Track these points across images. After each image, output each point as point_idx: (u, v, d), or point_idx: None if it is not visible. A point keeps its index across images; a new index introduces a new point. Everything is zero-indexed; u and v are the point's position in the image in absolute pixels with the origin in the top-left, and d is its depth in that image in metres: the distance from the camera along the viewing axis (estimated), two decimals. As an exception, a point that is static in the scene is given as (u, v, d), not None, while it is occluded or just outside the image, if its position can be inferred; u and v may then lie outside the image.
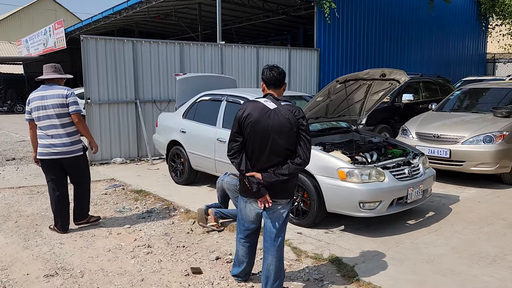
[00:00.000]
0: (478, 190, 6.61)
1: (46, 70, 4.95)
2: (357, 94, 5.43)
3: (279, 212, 3.33)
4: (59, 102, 4.75)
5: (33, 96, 4.86)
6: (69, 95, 4.79)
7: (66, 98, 4.77)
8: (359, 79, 4.97)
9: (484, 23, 18.07)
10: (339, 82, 4.78)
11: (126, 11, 15.29)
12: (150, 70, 9.24)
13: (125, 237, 4.90)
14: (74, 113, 4.80)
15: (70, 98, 4.78)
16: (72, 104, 4.78)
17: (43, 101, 4.77)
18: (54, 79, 4.92)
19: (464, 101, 8.55)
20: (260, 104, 3.27)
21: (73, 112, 4.79)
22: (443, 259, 4.14)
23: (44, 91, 4.82)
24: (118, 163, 8.91)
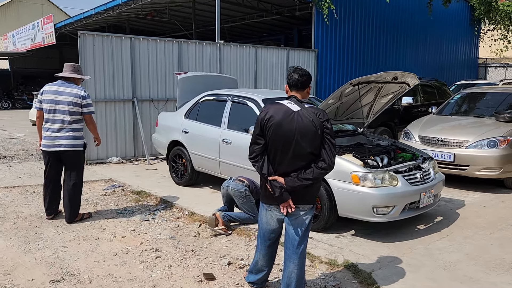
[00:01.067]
0: (482, 195, 6.60)
1: (66, 69, 5.19)
2: (367, 97, 5.36)
3: (301, 218, 3.23)
4: (74, 101, 5.02)
5: (48, 88, 5.10)
6: (86, 97, 5.10)
7: (83, 99, 5.06)
8: (372, 81, 4.90)
9: (476, 28, 18.26)
10: (352, 84, 4.70)
11: (120, 8, 15.01)
12: (148, 68, 9.06)
13: (130, 240, 4.75)
14: (88, 115, 5.13)
15: (86, 100, 5.09)
16: (87, 106, 5.10)
17: (57, 96, 5.02)
18: (71, 78, 5.17)
19: (465, 105, 8.57)
20: (283, 106, 3.16)
21: (86, 113, 5.12)
22: (459, 265, 4.08)
23: (61, 87, 5.07)
24: (115, 163, 8.71)
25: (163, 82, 9.30)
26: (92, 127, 5.28)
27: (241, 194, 5.11)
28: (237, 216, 5.09)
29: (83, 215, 5.37)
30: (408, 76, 5.14)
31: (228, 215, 5.04)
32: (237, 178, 5.31)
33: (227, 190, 5.22)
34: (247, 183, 5.26)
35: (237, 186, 5.15)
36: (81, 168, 5.34)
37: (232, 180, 5.28)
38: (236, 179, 5.30)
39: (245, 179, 5.32)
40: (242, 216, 5.13)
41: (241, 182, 5.23)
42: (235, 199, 5.16)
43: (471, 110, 8.30)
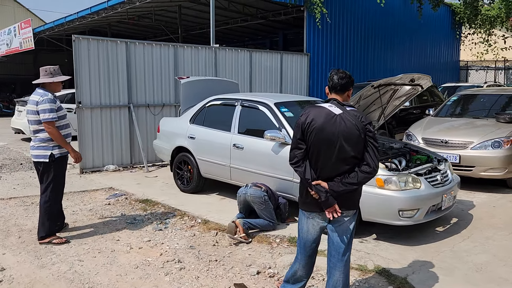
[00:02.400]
0: (488, 195, 6.67)
1: (40, 74, 4.79)
2: (382, 99, 5.33)
3: (346, 224, 3.13)
4: (31, 109, 4.66)
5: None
6: (40, 102, 4.60)
7: (37, 105, 4.61)
8: (392, 84, 4.87)
9: (458, 32, 18.70)
10: (373, 87, 4.66)
11: (106, 12, 14.68)
12: (143, 73, 8.84)
13: (148, 251, 4.56)
14: (44, 122, 4.60)
15: (39, 105, 4.60)
16: (41, 112, 4.58)
17: (27, 106, 4.78)
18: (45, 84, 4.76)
19: (462, 106, 8.69)
20: (325, 109, 3.07)
21: (43, 121, 4.60)
22: (490, 267, 4.07)
23: (31, 96, 4.76)
24: (111, 171, 8.43)
25: (159, 87, 9.09)
26: (53, 137, 4.61)
27: (260, 200, 4.99)
28: (256, 223, 4.97)
29: (53, 239, 4.73)
30: (423, 79, 5.15)
31: (248, 223, 4.91)
32: (254, 185, 5.19)
33: (245, 197, 5.09)
34: (265, 188, 5.15)
35: (255, 192, 5.03)
36: (50, 183, 4.73)
37: (249, 187, 5.15)
38: (253, 185, 5.17)
39: (261, 185, 5.21)
40: (262, 223, 5.01)
41: (259, 188, 5.12)
42: (254, 205, 5.03)
43: (470, 111, 8.42)
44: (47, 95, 4.64)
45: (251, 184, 5.22)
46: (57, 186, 4.83)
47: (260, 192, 5.04)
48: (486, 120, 7.66)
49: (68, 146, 4.73)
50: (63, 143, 4.68)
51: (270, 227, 5.05)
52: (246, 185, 5.24)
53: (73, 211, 5.96)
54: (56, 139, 4.63)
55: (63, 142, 4.69)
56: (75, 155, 4.82)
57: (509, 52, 16.88)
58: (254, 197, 5.01)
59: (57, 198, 4.88)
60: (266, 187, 5.20)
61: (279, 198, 5.34)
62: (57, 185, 4.83)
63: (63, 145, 4.69)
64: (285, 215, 5.32)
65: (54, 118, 4.61)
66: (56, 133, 4.63)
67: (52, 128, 4.60)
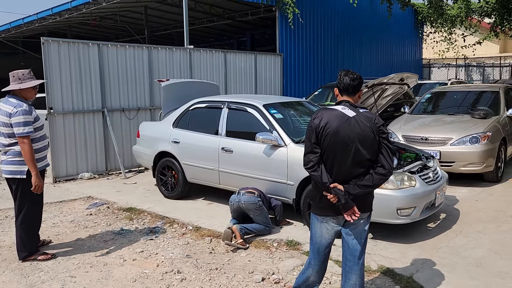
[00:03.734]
0: (469, 189, 6.86)
1: (10, 80, 4.31)
2: (372, 99, 5.36)
3: (361, 227, 3.10)
4: (3, 121, 4.18)
5: None
6: (13, 114, 4.14)
7: (10, 118, 4.15)
8: (384, 83, 4.90)
9: (420, 31, 19.29)
10: (368, 87, 4.66)
11: (70, 13, 14.08)
12: (117, 76, 8.52)
13: (143, 263, 4.36)
14: (18, 136, 4.15)
15: (13, 118, 4.14)
16: (15, 125, 4.13)
17: None
18: (15, 91, 4.30)
19: (436, 103, 8.92)
20: (338, 112, 3.01)
21: (17, 135, 4.16)
22: (488, 262, 4.16)
23: (1, 105, 4.26)
24: (86, 179, 8.07)
25: (133, 90, 8.80)
26: (23, 154, 4.14)
27: (255, 207, 4.89)
28: (253, 228, 4.87)
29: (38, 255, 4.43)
30: (411, 77, 5.21)
31: (245, 228, 4.80)
32: (246, 191, 5.07)
33: (239, 205, 4.96)
34: (258, 193, 5.05)
35: (249, 199, 4.92)
36: (25, 201, 4.33)
37: (242, 194, 5.02)
38: (246, 192, 5.05)
39: (253, 190, 5.11)
40: (258, 228, 4.91)
41: (252, 194, 5.01)
42: (249, 212, 4.92)
43: (444, 108, 8.65)
44: (21, 106, 4.18)
45: (243, 191, 5.09)
46: (36, 204, 4.43)
47: (254, 198, 4.94)
48: (462, 116, 7.89)
49: (34, 168, 4.18)
50: (30, 163, 4.15)
51: (266, 231, 4.96)
52: (238, 193, 5.09)
53: (54, 223, 5.64)
54: (25, 156, 4.14)
55: (31, 162, 4.17)
56: (37, 182, 4.20)
57: (468, 50, 17.58)
58: (248, 204, 4.90)
59: (35, 218, 4.48)
60: (258, 191, 5.10)
61: (272, 200, 5.26)
62: (36, 203, 4.43)
63: (30, 166, 4.16)
64: (280, 217, 5.24)
65: (29, 132, 4.18)
66: (28, 150, 4.14)
67: (26, 144, 4.14)
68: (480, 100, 8.58)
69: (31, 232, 4.48)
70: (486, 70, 19.84)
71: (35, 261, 4.39)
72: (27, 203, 4.36)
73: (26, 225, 4.40)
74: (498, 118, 7.62)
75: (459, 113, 8.12)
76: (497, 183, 7.16)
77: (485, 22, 18.26)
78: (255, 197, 4.96)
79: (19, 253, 4.44)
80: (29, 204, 4.37)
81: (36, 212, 4.50)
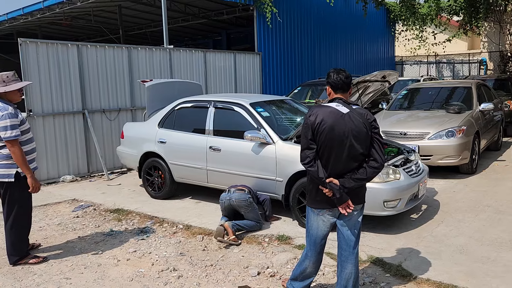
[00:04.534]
0: (446, 181, 7.15)
1: None
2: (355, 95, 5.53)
3: (355, 218, 3.24)
4: None
5: None
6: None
7: None
8: (367, 81, 5.07)
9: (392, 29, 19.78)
10: (353, 85, 4.81)
11: (41, 12, 13.76)
12: (97, 77, 8.44)
13: (138, 262, 4.39)
14: (5, 141, 4.11)
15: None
16: (1, 129, 4.08)
17: None
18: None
19: (412, 99, 9.22)
20: (332, 109, 3.14)
21: (4, 139, 4.12)
22: (471, 248, 4.38)
23: None
24: (68, 181, 7.97)
25: (114, 91, 8.73)
26: (13, 157, 4.12)
27: (246, 204, 4.98)
28: (245, 224, 4.96)
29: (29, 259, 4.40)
30: (392, 75, 5.39)
31: (237, 224, 4.88)
32: (236, 189, 5.15)
33: (230, 203, 5.04)
34: (247, 190, 5.14)
35: (240, 196, 5.00)
36: (15, 206, 4.28)
37: (232, 192, 5.09)
38: (236, 189, 5.13)
39: (243, 187, 5.20)
40: (249, 224, 5.00)
41: (242, 191, 5.09)
42: (240, 209, 5.01)
43: (420, 103, 8.95)
44: (6, 109, 4.13)
45: (233, 189, 5.16)
46: (25, 209, 4.39)
47: (245, 195, 5.03)
48: (437, 112, 8.20)
49: (28, 170, 4.19)
50: (23, 166, 4.16)
51: (257, 227, 5.06)
52: (229, 191, 5.16)
53: (40, 227, 5.58)
54: (17, 159, 4.12)
55: (24, 165, 4.16)
56: (34, 183, 4.23)
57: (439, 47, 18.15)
58: (239, 201, 4.98)
59: (25, 221, 4.43)
60: (247, 188, 5.20)
61: (260, 195, 5.34)
62: (25, 207, 4.38)
63: (23, 169, 4.16)
64: (269, 213, 5.35)
65: (17, 135, 4.13)
66: (19, 153, 4.12)
67: (16, 147, 4.10)
68: (453, 95, 8.92)
69: (21, 236, 4.43)
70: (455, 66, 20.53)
71: (26, 264, 4.36)
72: (16, 206, 4.31)
73: (16, 228, 4.36)
74: (471, 112, 7.95)
75: (434, 109, 8.43)
76: (472, 175, 7.48)
77: (454, 20, 18.91)
78: (246, 194, 5.05)
79: (9, 257, 4.39)
80: (18, 207, 4.32)
81: (25, 215, 4.46)
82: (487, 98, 9.05)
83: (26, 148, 4.33)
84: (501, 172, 7.67)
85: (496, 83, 12.43)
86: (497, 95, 10.33)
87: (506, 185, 6.78)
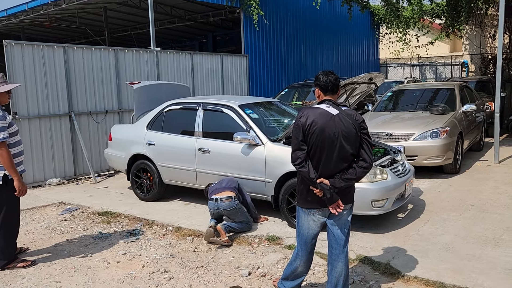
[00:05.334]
0: (431, 181, 7.29)
1: None
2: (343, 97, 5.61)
3: (345, 217, 3.30)
4: None
5: None
6: None
7: None
8: (354, 82, 5.15)
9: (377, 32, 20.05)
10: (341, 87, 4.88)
11: (25, 14, 13.58)
12: (84, 79, 8.38)
13: (128, 264, 4.38)
14: None
15: None
16: None
17: None
18: None
19: (397, 101, 9.38)
20: (322, 110, 3.20)
21: None
22: (456, 246, 4.49)
23: None
24: (55, 184, 7.89)
25: (101, 93, 8.68)
26: (2, 160, 4.08)
27: (234, 211, 4.98)
28: (236, 226, 4.99)
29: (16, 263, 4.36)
30: (379, 77, 5.49)
31: (229, 226, 4.91)
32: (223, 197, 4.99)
33: (219, 212, 5.02)
34: (234, 194, 5.07)
35: (228, 205, 4.96)
36: (0, 208, 4.24)
37: (219, 201, 4.98)
38: (222, 199, 4.98)
39: (229, 191, 5.08)
40: (240, 226, 5.04)
41: (229, 198, 5.00)
42: (231, 217, 5.02)
43: (404, 105, 9.11)
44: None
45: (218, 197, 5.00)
46: (12, 212, 4.34)
47: (232, 203, 4.97)
48: (421, 113, 8.36)
49: (16, 173, 4.14)
50: (11, 168, 4.12)
51: (248, 228, 5.10)
52: (216, 200, 5.01)
53: (27, 230, 5.53)
54: (4, 162, 4.07)
55: (12, 167, 4.12)
56: (21, 187, 4.18)
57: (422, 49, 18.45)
58: (228, 211, 4.96)
59: (13, 224, 4.39)
60: (233, 190, 5.11)
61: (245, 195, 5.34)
62: (12, 211, 4.34)
63: (11, 172, 4.11)
64: (255, 214, 5.37)
65: (5, 138, 4.09)
66: (7, 156, 4.08)
67: (4, 150, 4.07)
68: (437, 97, 9.10)
69: (9, 240, 4.39)
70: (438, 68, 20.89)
71: (14, 268, 4.32)
72: (4, 209, 4.27)
73: (4, 232, 4.31)
74: (454, 113, 8.13)
75: (419, 110, 8.59)
76: (456, 175, 7.65)
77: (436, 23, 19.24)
78: (233, 202, 4.98)
79: None
80: (6, 210, 4.28)
81: (13, 219, 4.42)
82: (469, 99, 9.26)
83: (14, 151, 4.30)
84: (484, 172, 7.85)
85: (478, 84, 12.73)
86: (479, 96, 10.58)
87: (489, 184, 6.94)
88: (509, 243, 4.52)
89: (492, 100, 11.21)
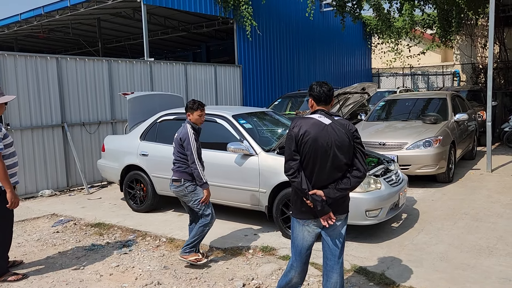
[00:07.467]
0: (424, 190, 7.31)
1: None
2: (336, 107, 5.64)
3: (340, 228, 3.29)
4: None
5: None
6: None
7: None
8: (347, 92, 5.18)
9: (369, 42, 20.24)
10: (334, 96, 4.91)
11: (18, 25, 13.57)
12: (77, 90, 8.36)
13: (121, 277, 4.33)
14: None
15: None
16: None
17: None
18: None
19: (390, 110, 9.44)
20: (315, 120, 3.20)
21: None
22: (450, 255, 4.49)
23: None
24: (47, 196, 7.82)
25: (94, 104, 8.65)
26: None
27: (184, 193, 4.51)
28: (192, 238, 4.50)
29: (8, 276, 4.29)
30: (371, 87, 5.54)
31: (186, 245, 4.51)
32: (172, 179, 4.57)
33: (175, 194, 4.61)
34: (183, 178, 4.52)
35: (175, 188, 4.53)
36: None
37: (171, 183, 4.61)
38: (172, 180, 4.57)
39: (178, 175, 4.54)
40: (194, 232, 4.50)
41: (178, 182, 4.53)
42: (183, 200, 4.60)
43: (397, 114, 9.16)
44: None
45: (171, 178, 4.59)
46: (5, 223, 4.30)
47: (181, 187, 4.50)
48: (414, 122, 8.41)
49: (9, 185, 4.10)
50: (4, 180, 4.08)
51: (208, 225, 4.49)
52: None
53: (19, 243, 5.45)
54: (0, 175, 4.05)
55: (5, 179, 4.09)
56: (13, 199, 4.14)
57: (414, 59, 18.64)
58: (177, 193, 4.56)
59: (5, 237, 4.35)
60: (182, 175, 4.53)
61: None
62: (6, 221, 4.30)
63: (4, 183, 4.08)
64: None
65: (0, 149, 4.10)
66: (2, 167, 4.05)
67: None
68: (429, 106, 9.17)
69: (1, 252, 4.33)
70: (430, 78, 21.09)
71: (5, 282, 4.25)
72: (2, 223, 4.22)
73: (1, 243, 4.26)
74: (447, 123, 8.19)
75: (411, 119, 8.65)
76: (449, 184, 7.68)
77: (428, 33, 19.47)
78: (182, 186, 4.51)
79: None
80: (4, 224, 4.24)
81: (6, 231, 4.37)
82: (461, 108, 9.34)
83: (9, 162, 4.28)
84: (477, 180, 7.89)
85: (469, 94, 12.85)
86: (471, 105, 10.68)
87: (482, 193, 6.98)
88: (503, 252, 4.53)
89: (483, 109, 11.34)
